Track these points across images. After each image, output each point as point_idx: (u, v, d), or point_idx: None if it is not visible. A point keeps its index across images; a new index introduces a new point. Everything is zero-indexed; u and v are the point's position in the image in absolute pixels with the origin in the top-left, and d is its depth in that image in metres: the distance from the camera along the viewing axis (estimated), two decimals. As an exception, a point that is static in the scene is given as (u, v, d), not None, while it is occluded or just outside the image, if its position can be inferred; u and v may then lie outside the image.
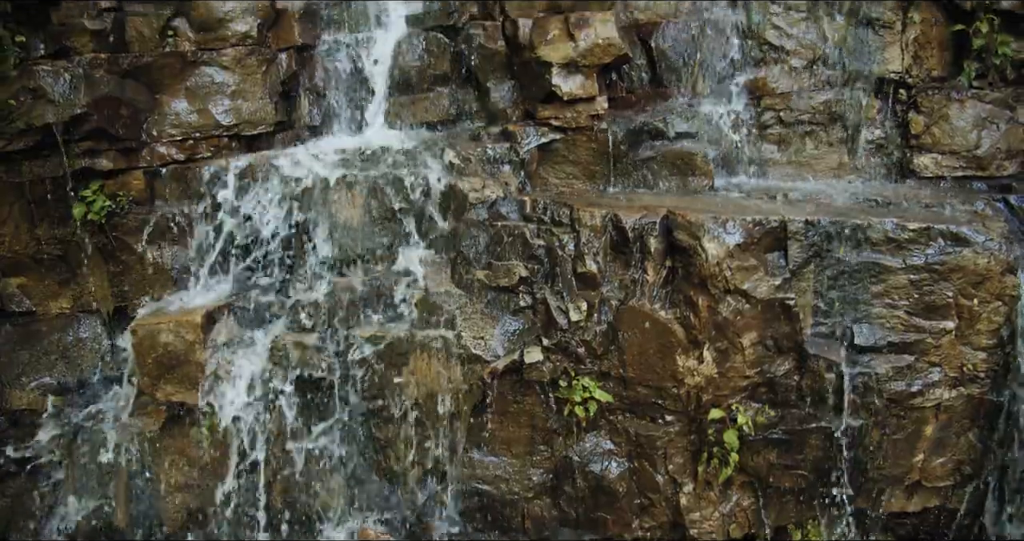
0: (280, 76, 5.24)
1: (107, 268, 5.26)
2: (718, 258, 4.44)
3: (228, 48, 5.15)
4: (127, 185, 5.13)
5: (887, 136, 5.58)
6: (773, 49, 5.39)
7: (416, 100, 5.39)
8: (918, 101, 5.54)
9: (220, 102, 5.13)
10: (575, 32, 4.88)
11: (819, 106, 5.44)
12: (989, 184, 5.51)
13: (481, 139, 5.09)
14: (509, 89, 5.30)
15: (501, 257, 4.73)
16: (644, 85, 5.37)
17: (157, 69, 5.10)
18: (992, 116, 5.54)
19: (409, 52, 5.31)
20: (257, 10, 5.17)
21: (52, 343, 5.26)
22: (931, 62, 5.65)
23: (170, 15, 5.19)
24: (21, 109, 4.88)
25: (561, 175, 5.19)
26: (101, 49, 5.16)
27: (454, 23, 5.40)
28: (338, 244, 4.78)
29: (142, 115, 5.11)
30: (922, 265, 4.66)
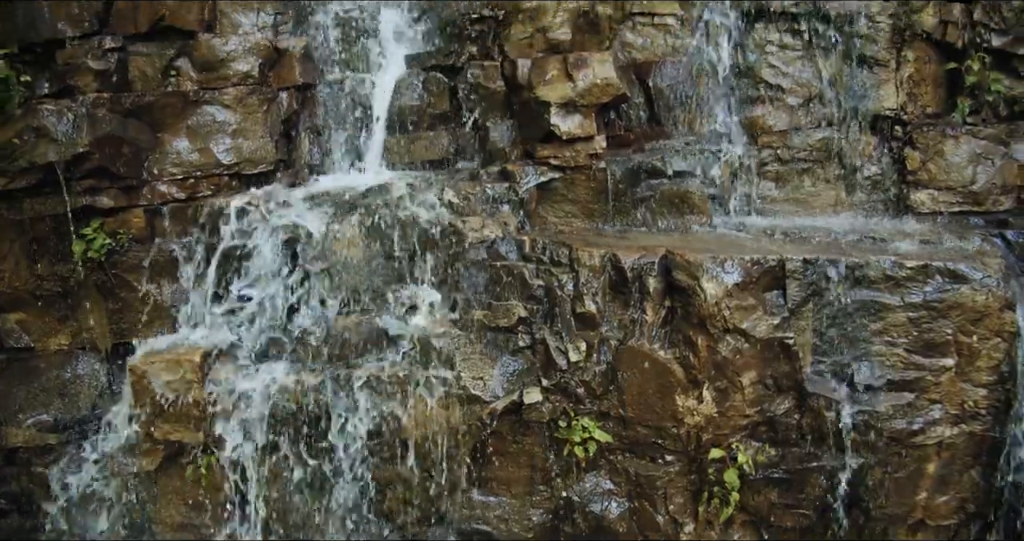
0: (281, 115, 5.28)
1: (106, 305, 5.25)
2: (717, 298, 4.45)
3: (229, 87, 5.19)
4: (127, 223, 5.13)
5: (884, 172, 5.62)
6: (769, 87, 5.45)
7: (416, 139, 5.42)
8: (914, 137, 5.59)
9: (221, 141, 5.15)
10: (573, 72, 4.93)
11: (816, 143, 5.49)
12: (986, 219, 5.54)
13: (480, 178, 5.11)
14: (508, 128, 5.34)
15: (500, 297, 4.74)
16: (642, 123, 5.42)
17: (159, 108, 5.14)
18: (987, 152, 5.59)
19: (409, 91, 5.35)
20: (258, 50, 5.21)
21: (50, 380, 5.24)
22: (926, 99, 5.71)
23: (173, 55, 5.24)
24: (24, 148, 4.91)
25: (560, 214, 5.22)
26: (104, 88, 5.22)
27: (453, 63, 5.46)
28: (337, 283, 4.78)
29: (143, 154, 5.14)
30: (920, 303, 4.66)
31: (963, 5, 5.68)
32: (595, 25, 5.32)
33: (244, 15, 5.30)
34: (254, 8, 5.32)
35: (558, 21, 5.26)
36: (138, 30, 5.22)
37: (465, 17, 5.45)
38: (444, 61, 5.45)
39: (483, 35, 5.48)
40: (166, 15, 5.17)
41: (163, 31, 5.23)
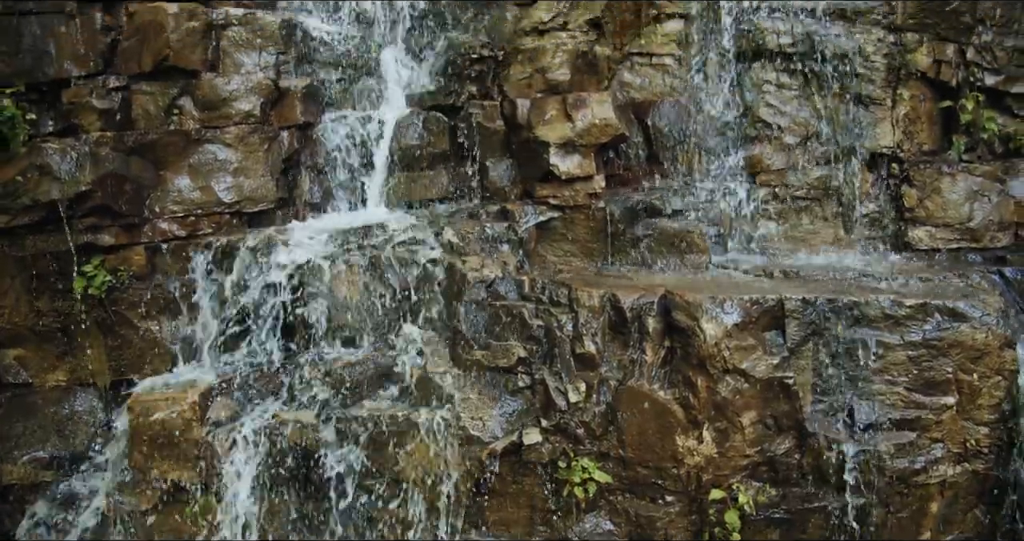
0: (282, 154, 5.32)
1: (105, 342, 5.25)
2: (716, 338, 4.45)
3: (231, 126, 5.23)
4: (128, 260, 5.15)
5: (882, 210, 5.66)
6: (767, 126, 5.51)
7: (416, 178, 5.46)
8: (911, 175, 5.64)
9: (222, 179, 5.19)
10: (572, 112, 4.98)
11: (814, 182, 5.54)
12: (984, 256, 5.58)
13: (480, 217, 5.14)
14: (507, 167, 5.38)
15: (500, 337, 4.73)
16: (641, 162, 5.46)
17: (161, 146, 5.18)
18: (983, 189, 5.63)
19: (409, 130, 5.39)
20: (260, 89, 5.27)
21: (47, 416, 5.22)
22: (921, 137, 5.77)
23: (176, 94, 5.30)
24: (28, 185, 4.95)
25: (559, 253, 5.24)
26: (108, 127, 5.26)
27: (453, 102, 5.51)
28: (337, 322, 4.78)
29: (145, 191, 5.17)
30: (920, 341, 4.66)
31: (956, 45, 5.77)
32: (594, 65, 5.39)
33: (247, 55, 5.36)
34: (257, 48, 5.38)
35: (557, 62, 5.33)
36: (142, 70, 5.29)
37: (465, 57, 5.51)
38: (444, 101, 5.51)
39: (483, 75, 5.54)
40: (170, 55, 5.23)
41: (167, 71, 5.29)
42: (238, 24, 5.36)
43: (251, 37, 5.37)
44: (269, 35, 5.39)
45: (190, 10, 5.30)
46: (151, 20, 5.25)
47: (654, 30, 5.53)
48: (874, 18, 5.65)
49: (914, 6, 5.67)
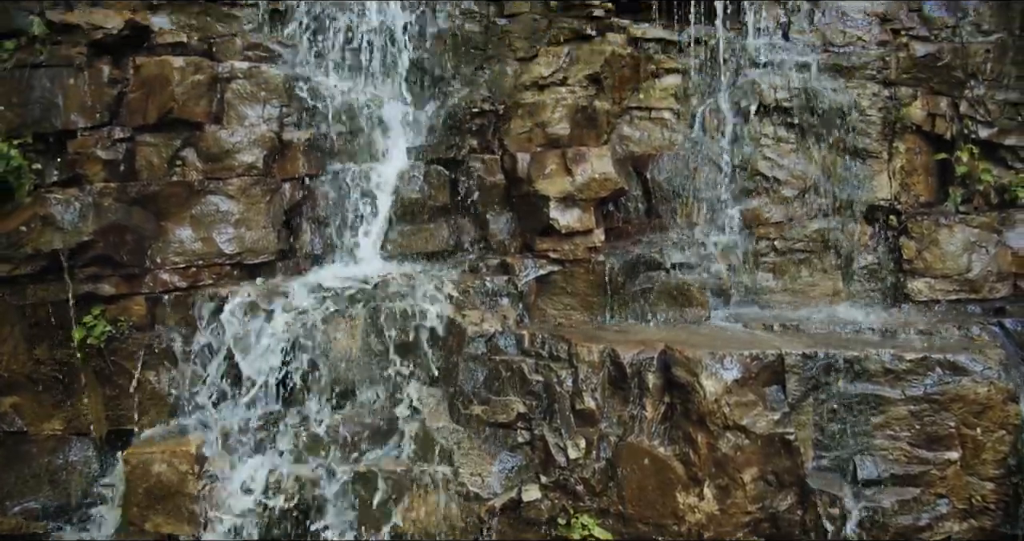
0: (284, 206, 5.35)
1: (103, 391, 5.22)
2: (716, 395, 4.43)
3: (234, 178, 5.27)
4: (128, 310, 5.15)
5: (880, 262, 5.68)
6: (765, 179, 5.56)
7: (416, 230, 5.47)
8: (908, 227, 5.67)
9: (224, 230, 5.21)
10: (572, 167, 5.03)
11: (812, 234, 5.57)
12: (983, 307, 5.59)
13: (480, 271, 5.15)
14: (508, 221, 5.41)
15: (499, 392, 4.71)
16: (640, 215, 5.50)
17: (164, 197, 5.21)
18: (981, 240, 5.66)
19: (410, 183, 5.43)
20: (264, 142, 5.32)
21: (41, 465, 5.16)
22: (918, 188, 5.82)
23: (179, 145, 5.35)
24: (30, 235, 4.98)
25: (559, 306, 5.25)
26: (112, 177, 5.30)
27: (454, 156, 5.55)
28: (336, 376, 4.76)
29: (147, 242, 5.19)
30: (922, 395, 4.63)
31: (949, 99, 5.87)
32: (593, 120, 5.45)
33: (250, 107, 5.42)
34: (260, 101, 5.44)
35: (557, 116, 5.39)
36: (147, 122, 5.34)
37: (466, 111, 5.58)
38: (445, 154, 5.56)
39: (483, 128, 5.60)
40: (175, 108, 5.30)
41: (171, 123, 5.34)
42: (243, 77, 5.43)
43: (255, 90, 5.43)
44: (273, 88, 5.46)
45: (196, 64, 5.38)
46: (157, 74, 5.33)
47: (652, 85, 5.62)
48: (869, 73, 5.75)
49: (907, 61, 5.77)
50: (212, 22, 5.86)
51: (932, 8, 5.90)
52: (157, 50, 5.67)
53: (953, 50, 5.83)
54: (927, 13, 5.89)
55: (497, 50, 5.80)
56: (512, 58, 5.75)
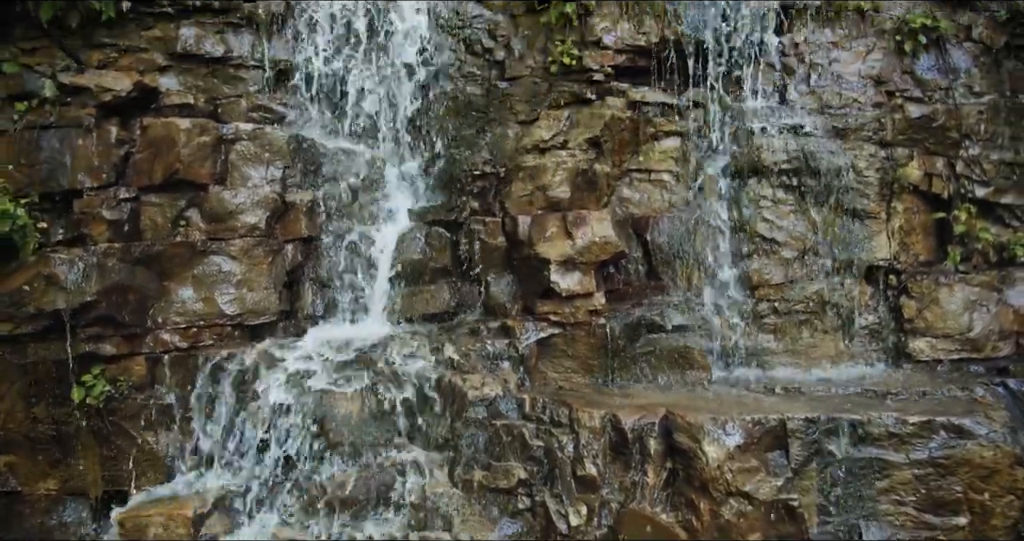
0: (286, 267, 5.37)
1: (100, 452, 5.18)
2: (719, 461, 4.38)
3: (237, 239, 5.31)
4: (128, 370, 5.15)
5: (881, 321, 5.67)
6: (764, 241, 5.58)
7: (417, 292, 5.49)
8: (908, 286, 5.68)
9: (226, 291, 5.23)
10: (573, 230, 5.06)
11: (812, 295, 5.57)
12: (986, 366, 5.55)
13: (480, 334, 5.15)
14: (508, 283, 5.43)
15: (500, 457, 4.67)
16: (641, 277, 5.51)
17: (167, 257, 5.25)
18: (981, 298, 5.66)
19: (412, 245, 5.47)
20: (267, 203, 5.37)
21: (34, 526, 5.10)
22: (917, 248, 5.84)
23: (183, 206, 5.41)
24: (34, 294, 5.01)
25: (560, 369, 5.23)
26: (116, 237, 5.35)
27: (456, 218, 5.62)
28: (336, 439, 4.72)
29: (149, 301, 5.21)
30: (926, 459, 4.58)
31: (945, 159, 5.93)
32: (593, 182, 5.51)
33: (254, 169, 5.48)
34: (264, 162, 5.51)
35: (557, 180, 5.45)
36: (152, 182, 5.40)
37: (467, 173, 5.65)
38: (446, 216, 5.61)
39: (485, 191, 5.67)
40: (180, 169, 5.36)
41: (176, 183, 5.41)
42: (247, 139, 5.51)
43: (259, 151, 5.51)
44: (277, 150, 5.53)
45: (201, 125, 5.47)
46: (164, 135, 5.41)
47: (652, 147, 5.69)
48: (865, 134, 5.81)
49: (903, 123, 5.85)
50: (218, 83, 5.97)
51: (925, 70, 6.00)
52: (164, 111, 5.77)
53: (947, 111, 5.91)
54: (920, 75, 5.98)
55: (498, 113, 5.88)
56: (513, 121, 5.84)
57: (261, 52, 5.94)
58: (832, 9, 5.96)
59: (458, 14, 6.01)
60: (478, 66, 5.99)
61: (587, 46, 5.76)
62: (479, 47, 5.99)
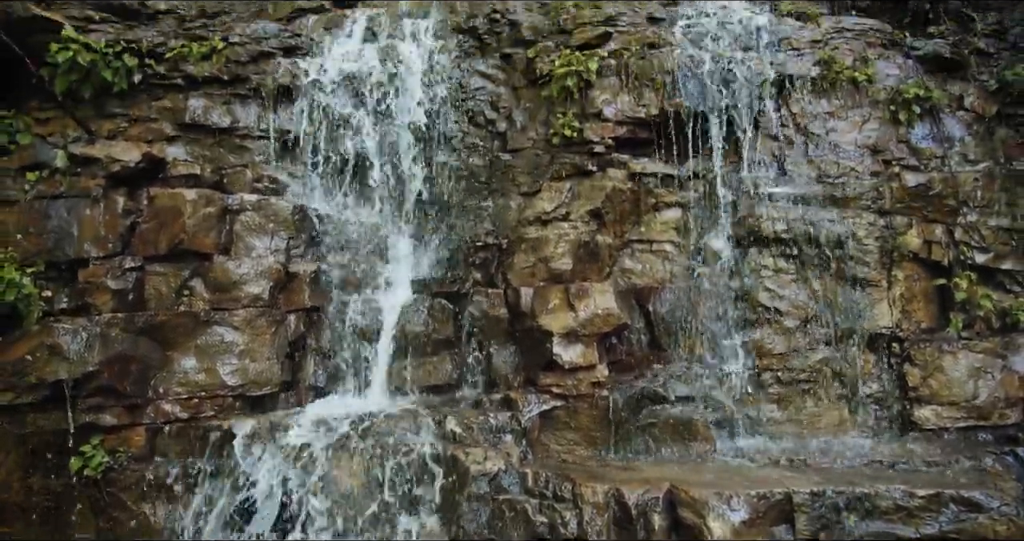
0: (288, 337, 5.38)
1: (96, 524, 5.10)
2: (724, 537, 4.29)
3: (240, 309, 5.33)
4: (128, 441, 5.11)
5: (885, 390, 5.63)
6: (766, 310, 5.57)
7: (420, 364, 5.46)
8: (912, 354, 5.65)
9: (228, 361, 5.22)
10: (575, 303, 5.07)
11: (815, 364, 5.54)
12: (994, 434, 5.48)
13: (483, 406, 5.12)
14: (511, 354, 5.42)
15: (503, 533, 4.58)
16: (643, 347, 5.49)
17: (170, 327, 5.26)
18: (985, 365, 5.63)
19: (414, 316, 5.47)
20: (270, 273, 5.41)
21: (28, 598, 4.99)
22: (919, 315, 5.83)
23: (188, 275, 5.45)
24: (36, 364, 5.01)
25: (563, 441, 5.18)
26: (120, 306, 5.38)
27: (458, 289, 5.63)
28: (337, 513, 4.64)
29: (151, 371, 5.21)
30: (937, 534, 4.48)
31: (944, 226, 5.96)
32: (595, 254, 5.53)
33: (258, 239, 5.53)
34: (268, 232, 5.57)
35: (559, 251, 5.48)
36: (157, 252, 5.46)
37: (470, 244, 5.70)
38: (449, 288, 5.63)
39: (487, 262, 5.70)
40: (185, 239, 5.42)
41: (181, 253, 5.46)
42: (252, 209, 5.58)
43: (264, 221, 5.57)
44: (281, 220, 5.60)
45: (207, 196, 5.55)
46: (170, 205, 5.49)
47: (653, 218, 5.73)
48: (864, 203, 5.87)
49: (900, 191, 5.91)
50: (225, 153, 6.08)
51: (920, 139, 6.09)
52: (171, 181, 5.87)
53: (943, 179, 5.98)
54: (915, 144, 6.07)
55: (501, 184, 5.96)
56: (516, 192, 5.91)
57: (267, 123, 6.07)
58: (827, 80, 6.09)
59: (461, 86, 6.15)
60: (481, 137, 6.10)
61: (588, 118, 5.88)
62: (482, 118, 6.11)
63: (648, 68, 5.89)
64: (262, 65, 6.22)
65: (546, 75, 6.02)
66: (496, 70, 6.26)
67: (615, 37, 6.16)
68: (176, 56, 6.19)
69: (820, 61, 6.13)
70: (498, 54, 6.32)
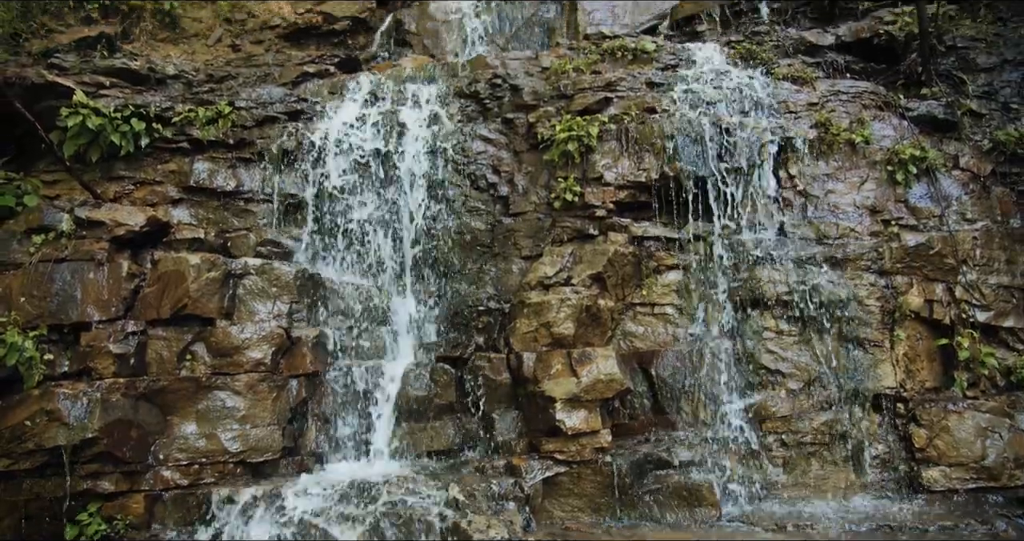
0: (290, 403, 5.33)
1: (92, 594, 5.01)
2: (733, 610, 4.23)
3: (242, 374, 5.30)
4: (126, 508, 5.03)
5: (891, 451, 5.57)
6: (769, 373, 5.54)
7: (422, 429, 5.42)
8: (917, 414, 5.60)
9: (229, 427, 5.18)
10: (578, 368, 5.05)
11: (820, 426, 5.48)
12: (1005, 496, 5.41)
13: (486, 472, 5.05)
14: (513, 420, 5.37)
15: (506, 606, 4.51)
16: (646, 412, 5.44)
17: (171, 392, 5.23)
18: (992, 425, 5.58)
19: (416, 382, 5.45)
20: (272, 338, 5.39)
21: None
22: (923, 374, 5.80)
23: (190, 340, 5.43)
24: (35, 430, 4.97)
25: (567, 508, 5.10)
26: (121, 370, 5.35)
27: (460, 354, 5.62)
28: (337, 584, 4.57)
29: (151, 437, 5.16)
30: (950, 603, 4.42)
31: (944, 285, 5.98)
32: (597, 318, 5.52)
33: (261, 303, 5.54)
34: (271, 297, 5.57)
35: (562, 316, 5.46)
36: (160, 316, 5.45)
37: (472, 309, 5.70)
38: (451, 352, 5.62)
39: (489, 327, 5.69)
40: (188, 304, 5.42)
41: (184, 317, 5.46)
42: (255, 274, 5.59)
43: (267, 286, 5.58)
44: (284, 285, 5.60)
45: (211, 261, 5.57)
46: (174, 270, 5.50)
47: (654, 281, 5.75)
48: (864, 264, 5.89)
49: (900, 251, 5.93)
50: (229, 216, 6.13)
51: (917, 199, 6.15)
52: (175, 245, 5.91)
53: (942, 238, 6.02)
54: (913, 204, 6.13)
55: (503, 247, 5.99)
56: (517, 256, 5.94)
57: (271, 186, 6.14)
58: (825, 142, 6.17)
59: (463, 150, 6.23)
60: (483, 201, 6.15)
61: (589, 182, 5.94)
62: (484, 182, 6.17)
63: (648, 133, 5.98)
64: (267, 129, 6.32)
65: (547, 140, 6.12)
66: (498, 134, 6.36)
67: (615, 102, 6.28)
68: (183, 120, 6.30)
69: (817, 123, 6.23)
70: (500, 118, 6.42)
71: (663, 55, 6.81)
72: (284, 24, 8.48)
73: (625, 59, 6.83)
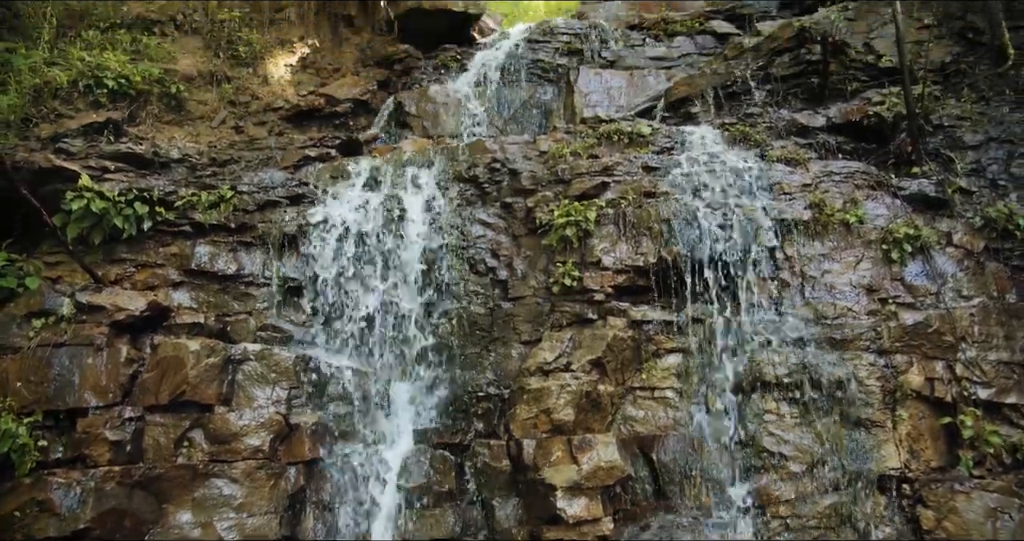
0: (288, 490, 5.24)
1: None
2: None
3: (239, 461, 5.24)
4: (119, 603, 4.91)
5: (899, 534, 5.44)
6: (771, 456, 5.46)
7: (421, 517, 5.31)
8: (923, 495, 5.51)
9: (226, 516, 5.09)
10: (578, 455, 5.00)
11: (825, 510, 5.37)
12: (1024, 586, 5.27)
13: (486, 563, 4.97)
14: (514, 507, 5.27)
15: None
16: (648, 497, 5.34)
17: (167, 480, 5.16)
18: (1002, 506, 5.47)
19: (416, 469, 5.39)
20: (271, 425, 5.35)
21: None
22: (927, 454, 5.73)
23: (188, 426, 5.39)
24: (25, 521, 4.89)
25: (570, 603, 4.98)
26: (117, 458, 5.30)
27: (460, 440, 5.57)
28: None
29: (145, 527, 5.07)
30: None
31: (944, 362, 5.95)
32: (597, 404, 5.49)
33: (260, 389, 5.51)
34: (270, 382, 5.55)
35: (562, 402, 5.42)
36: (158, 402, 5.43)
37: (472, 394, 5.66)
38: (451, 439, 5.57)
39: (489, 413, 5.65)
40: (187, 390, 5.41)
41: (182, 403, 5.43)
42: (254, 359, 5.59)
43: (266, 372, 5.57)
44: (283, 371, 5.59)
45: (211, 346, 5.57)
46: (173, 356, 5.50)
47: (654, 365, 5.73)
48: (863, 343, 5.88)
49: (898, 330, 5.93)
50: (229, 300, 6.16)
51: (913, 277, 6.19)
52: (175, 329, 5.92)
53: (940, 316, 6.03)
54: (910, 282, 6.17)
55: (502, 332, 6.00)
56: (517, 341, 5.94)
57: (271, 270, 6.18)
58: (820, 222, 6.26)
59: (463, 234, 6.30)
60: (482, 285, 6.19)
61: (587, 267, 5.99)
62: (483, 266, 6.22)
63: (645, 217, 6.07)
64: (268, 213, 6.41)
65: (546, 224, 6.19)
66: (497, 218, 6.44)
67: (612, 186, 6.39)
68: (186, 204, 6.39)
69: (811, 204, 6.32)
70: (499, 202, 6.52)
71: (659, 138, 6.96)
72: (287, 106, 8.71)
73: (622, 142, 6.98)
